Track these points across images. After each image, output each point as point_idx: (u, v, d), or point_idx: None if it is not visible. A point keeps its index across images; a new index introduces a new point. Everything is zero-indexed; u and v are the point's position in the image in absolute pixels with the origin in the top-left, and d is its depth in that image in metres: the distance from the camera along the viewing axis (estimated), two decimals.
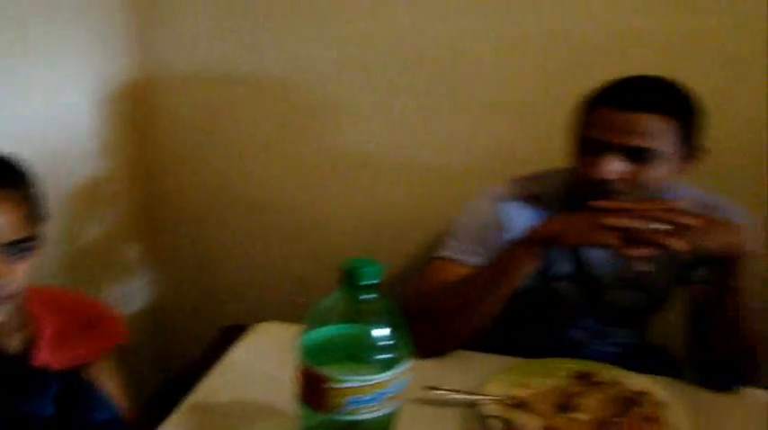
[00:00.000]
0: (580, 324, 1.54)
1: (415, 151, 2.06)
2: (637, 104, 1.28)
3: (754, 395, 1.33)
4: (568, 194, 1.45)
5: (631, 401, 1.24)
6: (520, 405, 1.19)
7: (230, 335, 1.42)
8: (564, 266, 1.48)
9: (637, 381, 1.30)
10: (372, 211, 2.16)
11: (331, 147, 2.11)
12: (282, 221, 2.24)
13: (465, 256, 1.42)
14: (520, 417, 1.15)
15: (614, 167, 1.29)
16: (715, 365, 1.35)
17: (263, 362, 1.33)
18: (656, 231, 1.21)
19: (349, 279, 0.97)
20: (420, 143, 2.05)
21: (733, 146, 1.76)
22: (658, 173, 1.30)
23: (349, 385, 0.96)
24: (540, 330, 1.54)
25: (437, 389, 1.22)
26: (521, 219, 1.44)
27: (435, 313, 1.35)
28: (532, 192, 1.47)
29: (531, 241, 1.30)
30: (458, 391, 1.22)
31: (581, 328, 1.55)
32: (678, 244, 1.19)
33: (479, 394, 1.22)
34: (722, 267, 1.28)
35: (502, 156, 1.95)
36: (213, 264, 2.36)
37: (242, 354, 1.37)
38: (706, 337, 1.36)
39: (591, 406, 1.22)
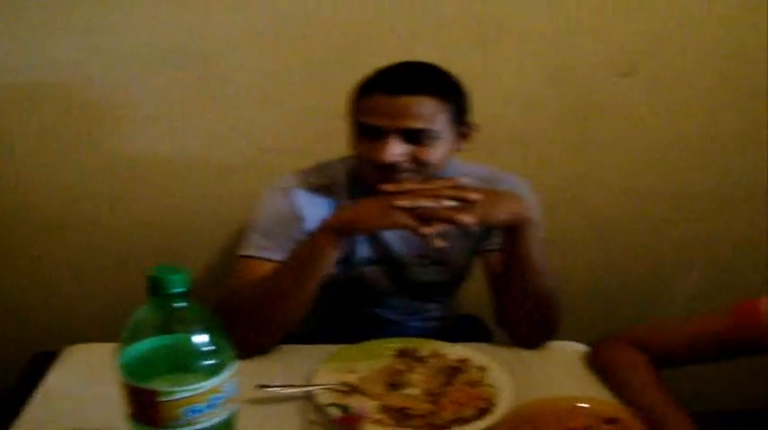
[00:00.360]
0: (392, 304, 1.58)
1: (203, 148, 2.00)
2: (409, 88, 1.32)
3: (562, 347, 1.45)
4: (355, 181, 1.48)
5: (454, 370, 1.30)
6: (352, 390, 1.20)
7: (39, 362, 1.30)
8: (365, 251, 1.51)
9: (456, 351, 1.36)
10: (172, 215, 2.06)
11: (118, 152, 1.99)
12: (80, 236, 2.07)
13: (268, 253, 1.40)
14: (356, 402, 1.17)
15: (395, 150, 1.32)
16: (521, 325, 1.44)
17: (83, 386, 1.23)
18: (445, 208, 1.27)
19: (156, 289, 0.92)
20: (205, 140, 1.99)
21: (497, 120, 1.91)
22: (438, 152, 1.35)
23: (180, 396, 0.91)
24: (354, 315, 1.57)
25: (268, 386, 1.19)
26: (315, 209, 1.44)
27: (248, 312, 1.32)
28: (321, 181, 1.49)
29: (328, 230, 1.31)
30: (289, 386, 1.21)
31: (393, 308, 1.59)
32: (466, 218, 1.26)
33: (311, 385, 1.21)
34: (510, 235, 1.37)
35: (287, 148, 1.96)
36: (11, 291, 2.14)
37: (58, 381, 1.26)
38: (508, 300, 1.45)
39: (419, 380, 1.26)
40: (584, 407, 1.20)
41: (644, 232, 2.23)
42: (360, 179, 1.46)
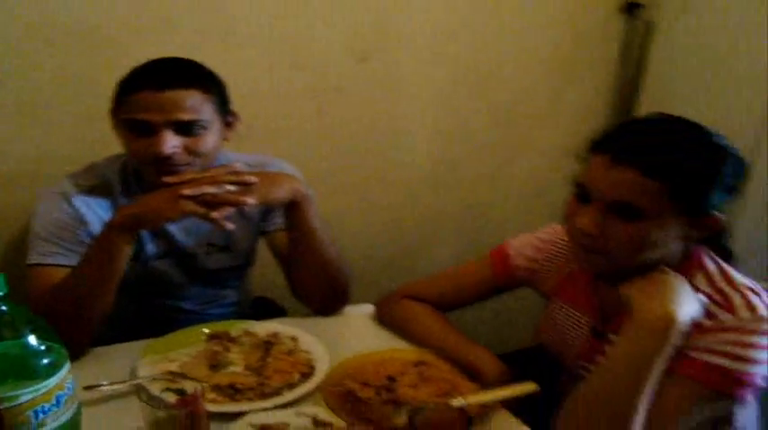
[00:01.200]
0: (188, 295, 1.59)
1: None
2: (174, 83, 1.35)
3: (354, 310, 1.57)
4: (129, 178, 1.48)
5: (268, 343, 1.36)
6: (178, 377, 1.21)
7: None
8: (153, 246, 1.51)
9: (264, 327, 1.43)
10: None
11: None
12: None
13: (57, 259, 1.36)
14: (187, 386, 1.17)
15: (170, 142, 1.34)
16: (316, 295, 1.54)
17: None
18: (228, 192, 1.32)
19: None
20: None
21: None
22: (209, 141, 1.40)
23: (26, 399, 0.88)
24: (153, 310, 1.55)
25: (95, 386, 1.16)
26: (94, 209, 1.43)
27: (52, 319, 1.26)
28: (92, 182, 1.46)
29: (117, 228, 1.30)
30: (117, 382, 1.19)
31: (190, 299, 1.60)
32: (249, 199, 1.32)
33: (138, 378, 1.20)
34: (291, 212, 1.45)
35: (57, 155, 1.83)
36: None
37: None
38: (300, 274, 1.53)
39: (237, 358, 1.31)
40: (395, 357, 1.33)
41: (403, 202, 2.43)
42: (134, 176, 1.47)
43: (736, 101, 2.08)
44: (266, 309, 1.75)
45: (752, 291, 1.11)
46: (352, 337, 1.46)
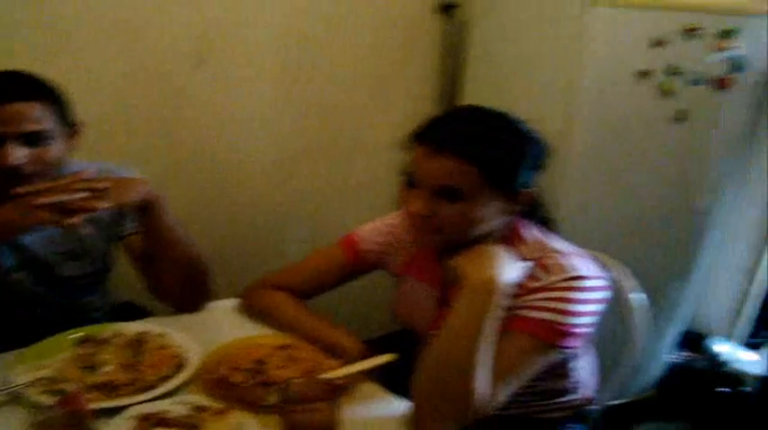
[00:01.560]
0: (50, 304, 1.59)
1: None
2: (17, 95, 1.38)
3: (221, 305, 1.66)
4: None
5: (138, 342, 1.42)
6: (53, 382, 1.24)
7: None
8: (9, 259, 1.51)
9: (132, 327, 1.49)
10: None
11: None
12: None
13: None
14: (65, 387, 1.22)
15: (17, 154, 1.38)
16: (177, 293, 1.60)
17: None
18: (82, 198, 1.35)
19: None
20: None
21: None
22: (56, 150, 1.44)
23: None
24: (15, 323, 1.54)
25: None
26: None
27: None
28: None
29: None
30: None
31: (53, 308, 1.60)
32: (102, 204, 1.36)
33: (13, 385, 1.22)
34: (146, 214, 1.51)
35: None
36: None
37: None
38: (160, 274, 1.59)
39: (110, 358, 1.35)
40: (262, 343, 1.44)
41: (248, 202, 2.52)
42: None
43: (545, 90, 2.31)
44: (131, 312, 1.79)
45: (564, 254, 1.31)
46: (219, 330, 1.53)
